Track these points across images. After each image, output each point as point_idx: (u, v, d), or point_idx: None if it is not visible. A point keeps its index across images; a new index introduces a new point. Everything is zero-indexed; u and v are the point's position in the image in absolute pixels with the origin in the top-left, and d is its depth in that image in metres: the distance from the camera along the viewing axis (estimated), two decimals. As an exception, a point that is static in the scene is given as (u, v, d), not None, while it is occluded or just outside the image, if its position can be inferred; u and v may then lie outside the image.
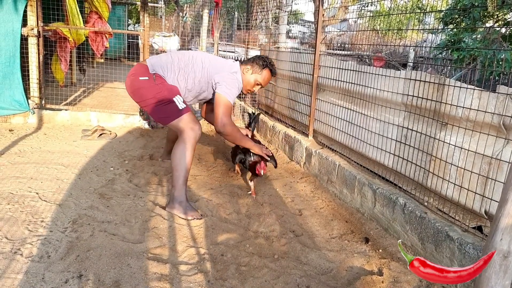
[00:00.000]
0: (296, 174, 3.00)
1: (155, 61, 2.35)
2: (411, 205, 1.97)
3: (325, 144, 2.99)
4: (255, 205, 2.39)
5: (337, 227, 2.19)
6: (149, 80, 2.27)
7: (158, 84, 2.27)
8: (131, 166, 2.88)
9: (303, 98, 3.30)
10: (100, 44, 4.44)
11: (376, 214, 2.21)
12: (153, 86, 2.26)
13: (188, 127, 2.20)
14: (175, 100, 2.26)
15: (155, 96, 2.25)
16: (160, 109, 2.26)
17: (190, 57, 2.39)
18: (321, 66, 3.01)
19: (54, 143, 3.30)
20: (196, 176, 2.81)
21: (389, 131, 2.27)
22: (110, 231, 1.92)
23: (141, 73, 2.29)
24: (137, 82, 2.28)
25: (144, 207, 2.21)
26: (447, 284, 1.38)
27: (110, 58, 7.74)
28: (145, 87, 2.26)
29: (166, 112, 2.25)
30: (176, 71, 2.34)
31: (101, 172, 2.69)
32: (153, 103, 2.26)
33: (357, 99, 2.58)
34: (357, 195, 2.38)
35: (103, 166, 2.82)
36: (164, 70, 2.33)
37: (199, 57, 2.40)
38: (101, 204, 2.19)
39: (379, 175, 2.36)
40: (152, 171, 2.81)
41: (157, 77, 2.30)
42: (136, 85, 2.29)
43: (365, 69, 2.49)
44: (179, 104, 2.25)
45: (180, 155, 2.16)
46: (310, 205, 2.46)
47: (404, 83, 2.17)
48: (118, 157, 3.05)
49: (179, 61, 2.36)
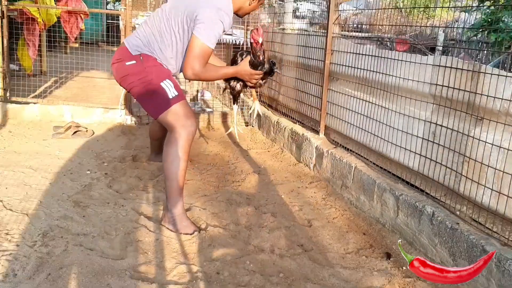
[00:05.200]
0: (305, 178, 3.00)
1: (133, 40, 2.26)
2: (441, 215, 1.97)
3: (339, 143, 2.98)
4: (257, 215, 2.39)
5: (353, 240, 2.19)
6: (137, 64, 2.19)
7: (147, 67, 2.19)
8: (111, 169, 2.88)
9: (313, 88, 3.30)
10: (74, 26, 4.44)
11: (399, 225, 2.21)
12: (141, 70, 2.18)
13: (178, 124, 2.12)
14: (163, 85, 2.15)
15: (140, 81, 2.18)
16: (147, 99, 2.20)
17: (159, 14, 2.24)
18: (334, 51, 3.01)
19: (20, 142, 3.31)
20: (187, 180, 2.81)
21: (415, 128, 2.26)
22: (87, 245, 1.92)
23: (126, 57, 2.23)
24: (124, 68, 2.23)
25: (126, 217, 2.21)
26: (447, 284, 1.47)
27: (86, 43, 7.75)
28: (132, 73, 2.21)
29: (154, 102, 2.18)
30: (159, 39, 2.20)
31: (76, 176, 2.69)
32: (140, 92, 2.21)
33: (377, 90, 2.57)
34: (377, 202, 2.38)
35: (79, 169, 2.82)
36: (148, 46, 2.22)
37: (168, 5, 2.24)
38: (76, 214, 2.19)
39: (403, 179, 2.36)
40: (136, 174, 2.81)
41: (145, 58, 2.20)
42: (123, 72, 2.24)
43: (386, 54, 2.49)
44: (168, 91, 2.15)
45: (172, 159, 2.11)
46: (321, 215, 2.46)
47: (432, 71, 2.16)
48: (95, 159, 3.06)
49: (155, 23, 2.22)
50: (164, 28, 2.21)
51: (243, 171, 3.06)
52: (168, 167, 2.13)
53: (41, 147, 3.21)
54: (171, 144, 2.13)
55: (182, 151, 2.12)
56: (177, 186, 2.13)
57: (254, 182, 2.87)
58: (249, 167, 3.17)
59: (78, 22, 4.46)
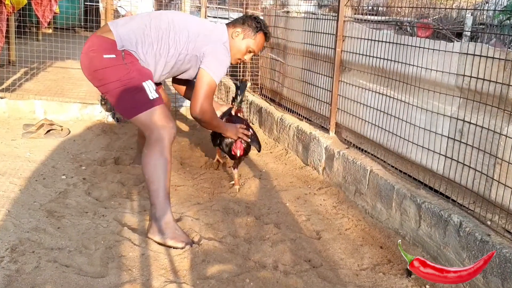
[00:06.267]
0: (313, 184, 3.00)
1: (124, 32, 2.32)
2: (469, 225, 1.96)
3: (352, 143, 2.99)
4: (258, 225, 2.39)
5: (369, 255, 2.19)
6: (117, 58, 2.27)
7: (127, 64, 2.28)
8: (89, 174, 2.88)
9: (322, 80, 3.30)
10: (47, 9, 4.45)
11: (421, 237, 2.21)
12: (121, 66, 2.27)
13: (159, 124, 2.20)
14: (145, 86, 2.26)
15: (121, 79, 2.25)
16: (125, 97, 2.27)
17: (169, 22, 2.39)
18: (346, 37, 3.01)
19: (-15, 142, 3.31)
20: (178, 186, 2.82)
21: (439, 125, 2.27)
22: (62, 261, 1.91)
23: (105, 49, 2.28)
24: (100, 61, 2.28)
25: (107, 229, 2.21)
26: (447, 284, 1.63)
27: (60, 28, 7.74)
28: (110, 67, 2.27)
29: (133, 101, 2.26)
30: (152, 44, 2.34)
31: (49, 182, 2.69)
32: (117, 89, 2.26)
33: (395, 82, 2.58)
34: (396, 211, 2.38)
35: (52, 174, 2.82)
36: (135, 44, 2.32)
37: (181, 22, 2.42)
38: (49, 225, 2.18)
39: (425, 184, 2.36)
40: (118, 180, 2.82)
41: (127, 55, 2.30)
42: (98, 65, 2.29)
43: (406, 41, 2.49)
44: (149, 92, 2.26)
45: (155, 162, 2.16)
46: (332, 226, 2.46)
47: (458, 60, 2.16)
48: (72, 162, 3.06)
49: (156, 28, 2.36)
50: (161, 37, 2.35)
51: (242, 176, 3.06)
52: (151, 171, 2.16)
53: (9, 148, 3.21)
54: (152, 146, 2.18)
55: (166, 152, 2.18)
56: (163, 191, 2.16)
57: (255, 188, 2.87)
58: (249, 171, 3.17)
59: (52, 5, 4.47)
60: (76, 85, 4.63)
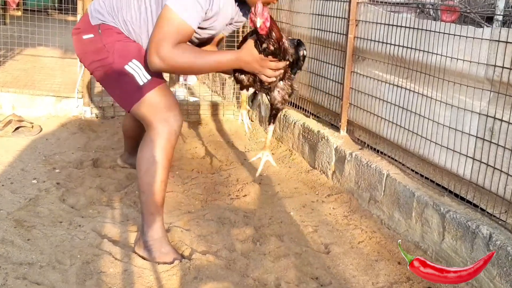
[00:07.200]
0: (321, 190, 3.00)
1: (96, 4, 2.22)
2: (500, 238, 1.96)
3: (366, 143, 2.98)
4: (257, 238, 2.38)
5: (385, 271, 2.18)
6: (95, 38, 2.19)
7: (107, 44, 2.16)
8: (64, 178, 2.87)
9: (331, 71, 3.29)
10: (16, -12, 4.43)
11: (445, 251, 2.20)
12: (100, 48, 2.18)
13: (156, 118, 2.08)
14: (128, 69, 2.12)
15: (103, 64, 2.18)
16: (113, 87, 2.23)
17: None
18: (359, 22, 3.00)
19: None
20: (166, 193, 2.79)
21: (466, 123, 2.26)
22: (33, 277, 1.90)
23: (86, 29, 2.23)
24: (81, 43, 2.24)
25: (84, 241, 2.20)
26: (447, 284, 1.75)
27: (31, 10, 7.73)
28: (89, 50, 2.22)
29: (120, 91, 2.20)
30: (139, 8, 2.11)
31: (17, 187, 2.68)
32: (102, 77, 2.23)
33: (416, 73, 2.57)
34: (416, 222, 2.37)
35: (22, 178, 2.81)
36: (112, 14, 2.17)
37: None
38: (18, 237, 2.17)
39: (450, 190, 2.35)
40: (98, 185, 2.81)
41: (105, 31, 2.17)
42: (81, 48, 2.26)
43: (429, 26, 2.48)
44: (137, 76, 2.12)
45: (148, 167, 2.09)
46: (342, 238, 2.46)
47: (489, 48, 2.15)
48: (44, 164, 3.05)
49: None
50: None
51: (239, 180, 3.06)
52: (142, 177, 2.12)
53: (-28, 148, 3.21)
54: (146, 146, 2.11)
55: (161, 155, 2.07)
56: (153, 202, 2.12)
57: (254, 194, 2.86)
58: (247, 175, 3.16)
59: (22, -17, 4.45)
60: (49, 76, 4.59)
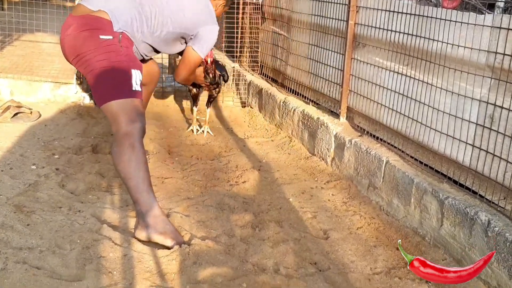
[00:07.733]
0: (320, 176, 3.00)
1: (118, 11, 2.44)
2: (498, 224, 1.96)
3: (366, 130, 2.99)
4: (256, 223, 2.39)
5: (384, 257, 2.19)
6: (114, 40, 2.39)
7: (123, 47, 2.42)
8: (63, 164, 2.87)
9: (331, 58, 3.29)
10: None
11: (443, 237, 2.21)
12: (115, 46, 2.38)
13: (128, 118, 2.24)
14: (133, 73, 2.36)
15: (111, 58, 2.33)
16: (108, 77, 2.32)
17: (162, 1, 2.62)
18: (360, 8, 2.99)
19: None
20: (165, 179, 2.81)
21: (466, 110, 2.26)
22: (32, 262, 1.91)
23: (102, 30, 2.38)
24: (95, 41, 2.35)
25: (84, 226, 2.21)
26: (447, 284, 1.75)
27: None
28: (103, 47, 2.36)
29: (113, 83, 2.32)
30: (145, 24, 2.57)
31: (17, 173, 2.69)
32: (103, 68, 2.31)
33: (417, 60, 2.57)
34: (415, 208, 2.38)
35: (21, 164, 2.81)
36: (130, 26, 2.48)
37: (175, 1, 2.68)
38: (17, 222, 2.17)
39: (449, 177, 2.36)
40: (97, 170, 2.81)
41: (124, 39, 2.45)
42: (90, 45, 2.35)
43: (430, 12, 2.48)
44: (134, 82, 2.35)
45: (128, 157, 2.20)
46: (341, 224, 2.47)
47: (490, 35, 2.14)
48: (43, 150, 3.05)
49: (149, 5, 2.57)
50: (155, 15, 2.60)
51: (239, 167, 3.06)
52: (125, 168, 2.20)
53: (-29, 134, 3.21)
54: (121, 141, 2.22)
55: (138, 144, 2.23)
56: (144, 183, 2.19)
57: (253, 181, 2.87)
58: (247, 162, 3.17)
59: (20, -32, 4.40)
60: (48, 62, 4.59)
